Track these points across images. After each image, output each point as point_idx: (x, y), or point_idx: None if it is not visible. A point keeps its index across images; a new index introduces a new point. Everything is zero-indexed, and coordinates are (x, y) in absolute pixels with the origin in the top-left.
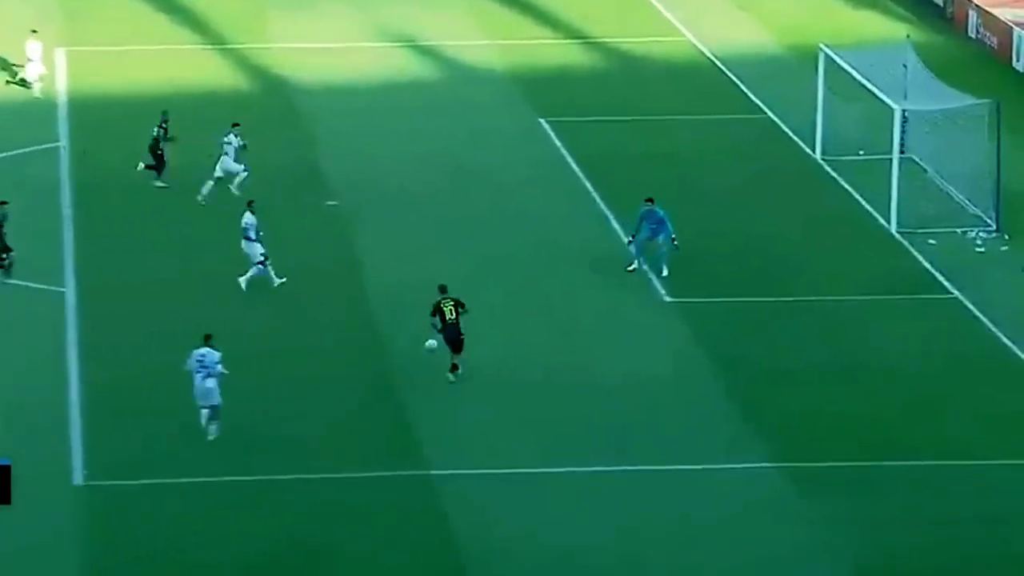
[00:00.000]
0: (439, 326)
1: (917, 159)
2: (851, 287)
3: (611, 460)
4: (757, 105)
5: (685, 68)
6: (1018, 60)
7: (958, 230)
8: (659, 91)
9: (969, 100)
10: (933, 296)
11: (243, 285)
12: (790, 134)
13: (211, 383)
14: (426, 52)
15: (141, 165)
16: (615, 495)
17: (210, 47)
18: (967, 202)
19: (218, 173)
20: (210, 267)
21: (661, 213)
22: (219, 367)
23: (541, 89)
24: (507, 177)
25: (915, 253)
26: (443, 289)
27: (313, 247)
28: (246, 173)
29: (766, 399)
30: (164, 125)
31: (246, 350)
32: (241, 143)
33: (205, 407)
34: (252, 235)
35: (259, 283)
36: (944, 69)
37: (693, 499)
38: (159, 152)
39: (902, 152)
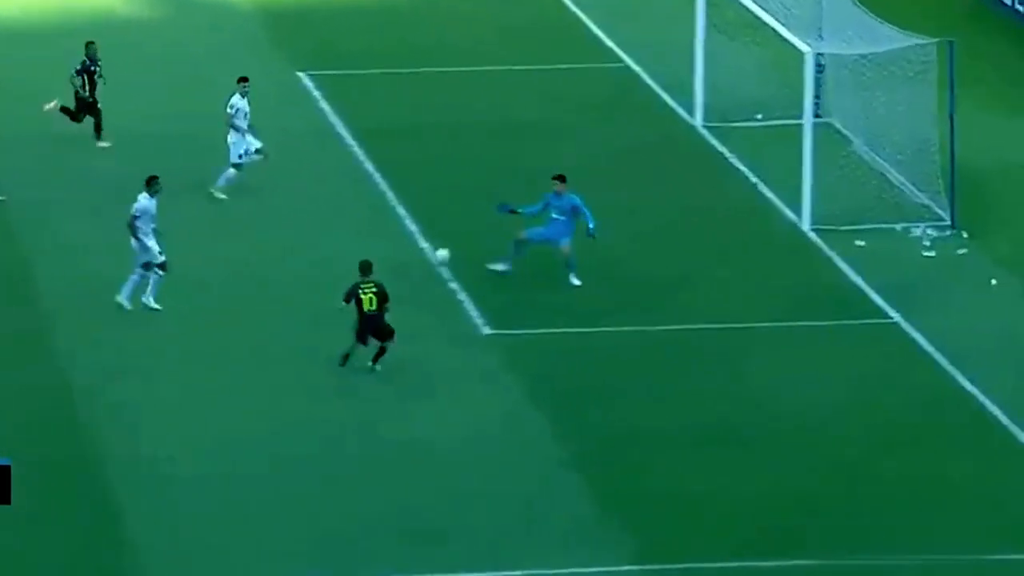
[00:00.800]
0: (355, 315)
1: (838, 125)
2: (745, 310)
3: (409, 566)
4: (611, 50)
5: None
6: None
7: (897, 226)
8: (473, 31)
9: (911, 40)
10: (863, 321)
11: (124, 303)
12: (659, 91)
13: None
14: None
15: (53, 104)
16: None
17: None
18: (910, 186)
19: (233, 158)
20: None
21: (577, 200)
22: None
23: (300, 30)
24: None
25: (836, 260)
26: (365, 269)
27: None
28: (260, 155)
29: (627, 472)
30: (85, 64)
31: None
32: (244, 108)
33: None
34: (139, 225)
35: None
36: None
37: None
38: (90, 100)
39: (817, 116)
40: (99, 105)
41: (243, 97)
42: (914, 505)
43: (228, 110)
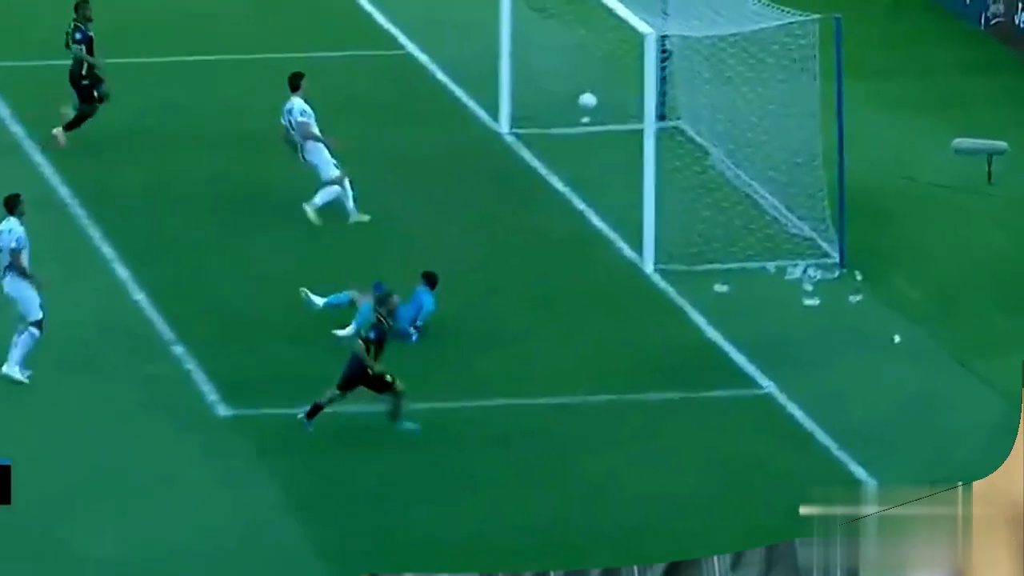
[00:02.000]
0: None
1: (690, 131)
2: (569, 379)
3: None
4: (388, 33)
5: None
6: None
7: (769, 266)
8: (212, 8)
9: (786, 17)
10: (724, 392)
11: (18, 374)
12: (452, 87)
13: None
14: None
15: (60, 132)
16: None
17: None
18: (785, 212)
19: (328, 175)
20: None
21: (425, 302)
22: None
23: None
24: None
25: (689, 310)
26: (382, 301)
27: None
28: (338, 188)
29: None
30: (82, 28)
31: None
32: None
33: None
34: (25, 261)
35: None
36: None
37: None
38: (85, 82)
39: (662, 118)
40: (99, 91)
41: (304, 99)
42: None
43: (301, 117)
